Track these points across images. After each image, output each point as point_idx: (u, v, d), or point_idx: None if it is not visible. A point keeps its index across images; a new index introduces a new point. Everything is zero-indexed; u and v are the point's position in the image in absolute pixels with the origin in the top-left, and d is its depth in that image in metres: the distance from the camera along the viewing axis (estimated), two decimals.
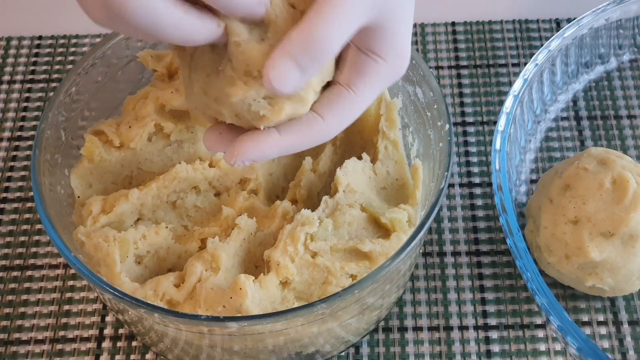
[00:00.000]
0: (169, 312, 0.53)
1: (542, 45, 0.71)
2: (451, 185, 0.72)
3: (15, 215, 0.72)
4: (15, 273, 0.69)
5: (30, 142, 0.76)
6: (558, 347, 0.64)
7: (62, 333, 0.65)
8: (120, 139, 0.63)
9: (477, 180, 0.72)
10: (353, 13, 0.44)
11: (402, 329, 0.65)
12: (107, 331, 0.66)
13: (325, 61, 0.44)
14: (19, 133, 0.77)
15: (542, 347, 0.64)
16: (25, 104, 0.78)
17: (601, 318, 0.65)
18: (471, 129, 0.75)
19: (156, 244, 0.60)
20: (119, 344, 0.65)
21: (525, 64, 0.74)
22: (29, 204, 0.72)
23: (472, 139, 0.75)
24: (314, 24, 0.43)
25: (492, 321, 0.65)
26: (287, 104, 0.46)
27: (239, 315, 0.55)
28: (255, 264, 0.60)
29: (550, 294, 0.57)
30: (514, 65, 0.79)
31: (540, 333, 0.65)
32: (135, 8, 0.40)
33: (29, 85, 0.79)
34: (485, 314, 0.66)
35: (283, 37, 0.43)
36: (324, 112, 0.48)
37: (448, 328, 0.65)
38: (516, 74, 0.78)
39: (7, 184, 0.73)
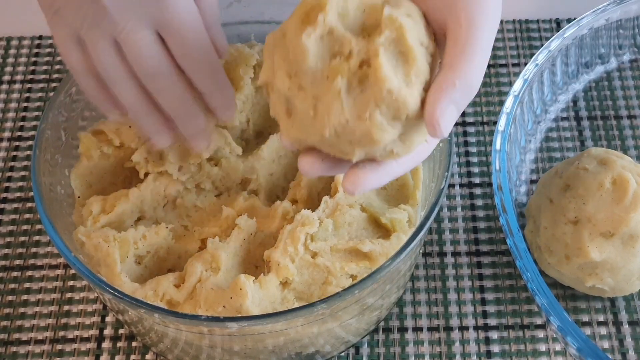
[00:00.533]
0: (169, 313, 0.53)
1: (542, 45, 0.71)
2: (451, 186, 0.72)
3: (15, 215, 0.72)
4: (15, 273, 0.69)
5: (30, 142, 0.76)
6: (558, 347, 0.64)
7: (62, 333, 0.65)
8: (120, 139, 0.63)
9: (477, 180, 0.72)
10: (490, 48, 0.46)
11: (402, 330, 0.65)
12: (107, 331, 0.66)
13: None
14: (19, 133, 0.77)
15: (542, 347, 0.64)
16: (25, 104, 0.78)
17: (601, 318, 0.65)
18: (471, 129, 0.75)
19: (156, 244, 0.60)
20: (119, 344, 0.65)
21: (525, 64, 0.74)
22: (29, 204, 0.72)
23: (472, 139, 0.75)
24: (470, 68, 0.44)
25: (492, 321, 0.65)
26: (417, 139, 0.46)
27: (239, 315, 0.55)
28: (255, 264, 0.60)
29: (550, 294, 0.57)
30: (514, 65, 0.79)
31: (540, 333, 0.65)
32: None
33: (29, 85, 0.79)
34: (485, 315, 0.66)
35: (438, 81, 0.44)
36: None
37: (448, 328, 0.65)
38: (516, 74, 0.78)
39: (7, 184, 0.73)
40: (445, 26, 0.46)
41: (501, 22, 0.81)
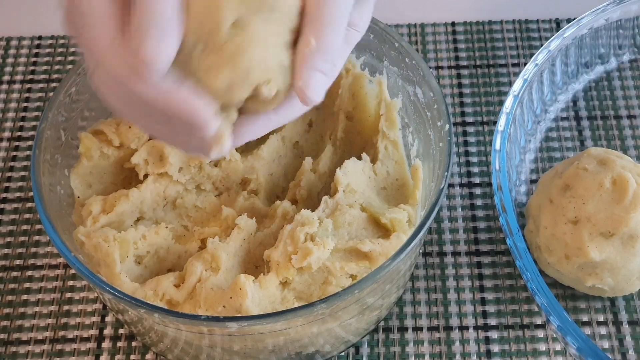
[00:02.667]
0: (169, 312, 0.53)
1: (542, 45, 0.71)
2: (451, 185, 0.72)
3: (15, 215, 0.72)
4: (15, 273, 0.69)
5: (30, 142, 0.76)
6: (558, 347, 0.64)
7: (62, 333, 0.65)
8: (120, 139, 0.63)
9: (477, 180, 0.72)
10: (346, 3, 0.46)
11: (402, 329, 0.65)
12: (107, 331, 0.66)
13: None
14: (19, 133, 0.77)
15: (542, 347, 0.64)
16: (25, 104, 0.78)
17: (601, 318, 0.65)
18: (471, 129, 0.75)
19: (156, 244, 0.60)
20: (119, 344, 0.65)
21: (525, 64, 0.74)
22: (29, 204, 0.72)
23: (472, 139, 0.75)
24: (323, 23, 0.44)
25: (492, 321, 0.65)
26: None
27: (239, 315, 0.55)
28: (255, 264, 0.60)
29: (550, 294, 0.57)
30: (514, 65, 0.79)
31: (540, 333, 0.65)
32: None
33: (29, 85, 0.79)
34: (485, 314, 0.66)
35: (299, 48, 0.45)
36: None
37: (448, 328, 0.65)
38: (516, 74, 0.78)
39: (7, 184, 0.73)
40: None
41: (501, 22, 0.81)
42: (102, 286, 0.53)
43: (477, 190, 0.72)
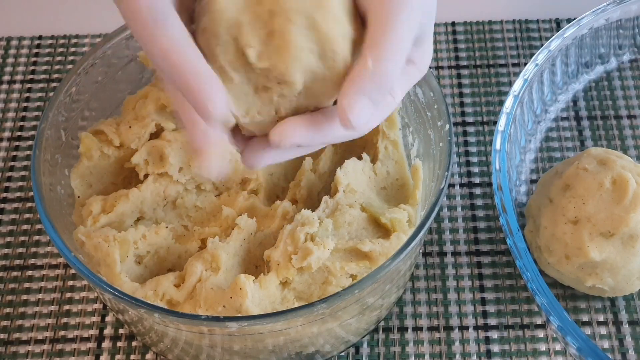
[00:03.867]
0: (169, 312, 0.53)
1: (542, 45, 0.71)
2: (451, 185, 0.72)
3: (15, 215, 0.72)
4: (15, 273, 0.69)
5: (30, 142, 0.76)
6: (558, 347, 0.64)
7: (62, 333, 0.65)
8: (120, 139, 0.63)
9: (477, 180, 0.72)
10: (410, 33, 0.44)
11: (402, 329, 0.65)
12: (107, 331, 0.66)
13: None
14: (19, 133, 0.77)
15: (542, 347, 0.64)
16: (25, 104, 0.78)
17: (601, 318, 0.65)
18: (471, 129, 0.75)
19: (156, 244, 0.60)
20: (119, 344, 0.65)
21: (525, 64, 0.74)
22: (29, 204, 0.72)
23: (472, 139, 0.75)
24: (385, 49, 0.43)
25: (492, 321, 0.65)
26: None
27: (239, 315, 0.55)
28: (255, 264, 0.60)
29: (550, 294, 0.57)
30: (514, 65, 0.79)
31: (540, 333, 0.65)
32: None
33: (29, 85, 0.79)
34: (485, 314, 0.66)
35: (352, 69, 0.44)
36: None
37: (448, 328, 0.65)
38: (516, 74, 0.78)
39: (7, 184, 0.73)
40: (366, 10, 0.44)
41: (501, 22, 0.81)
42: (102, 286, 0.53)
43: (477, 190, 0.72)
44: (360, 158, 0.63)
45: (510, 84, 0.78)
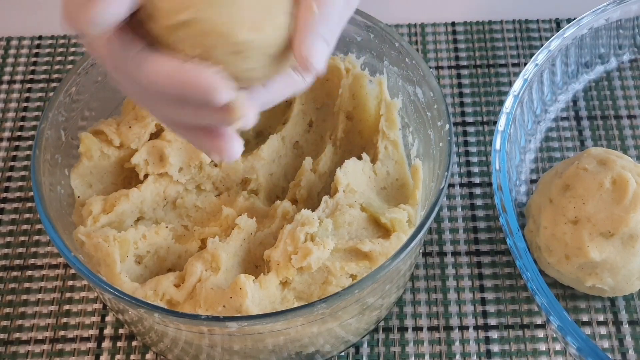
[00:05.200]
0: (169, 312, 0.53)
1: (542, 45, 0.71)
2: (451, 185, 0.72)
3: (15, 215, 0.72)
4: (15, 273, 0.69)
5: (30, 142, 0.76)
6: (558, 347, 0.64)
7: (62, 333, 0.65)
8: (120, 139, 0.63)
9: (477, 180, 0.72)
10: None
11: (402, 329, 0.65)
12: (107, 331, 0.66)
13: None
14: (19, 133, 0.77)
15: (542, 347, 0.64)
16: (25, 104, 0.78)
17: (601, 318, 0.65)
18: (471, 129, 0.75)
19: (156, 244, 0.60)
20: (119, 343, 0.65)
21: (525, 64, 0.74)
22: (29, 204, 0.72)
23: (472, 139, 0.75)
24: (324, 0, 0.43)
25: (492, 321, 0.65)
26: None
27: (239, 315, 0.55)
28: (255, 264, 0.60)
29: (550, 294, 0.57)
30: (514, 65, 0.79)
31: (540, 333, 0.65)
32: None
33: (29, 85, 0.79)
34: (485, 314, 0.66)
35: (300, 14, 0.43)
36: None
37: (448, 328, 0.65)
38: (516, 74, 0.78)
39: (7, 184, 0.73)
40: None
41: (501, 22, 0.81)
42: (102, 286, 0.53)
43: (477, 190, 0.72)
44: (360, 158, 0.63)
45: (510, 84, 0.78)
